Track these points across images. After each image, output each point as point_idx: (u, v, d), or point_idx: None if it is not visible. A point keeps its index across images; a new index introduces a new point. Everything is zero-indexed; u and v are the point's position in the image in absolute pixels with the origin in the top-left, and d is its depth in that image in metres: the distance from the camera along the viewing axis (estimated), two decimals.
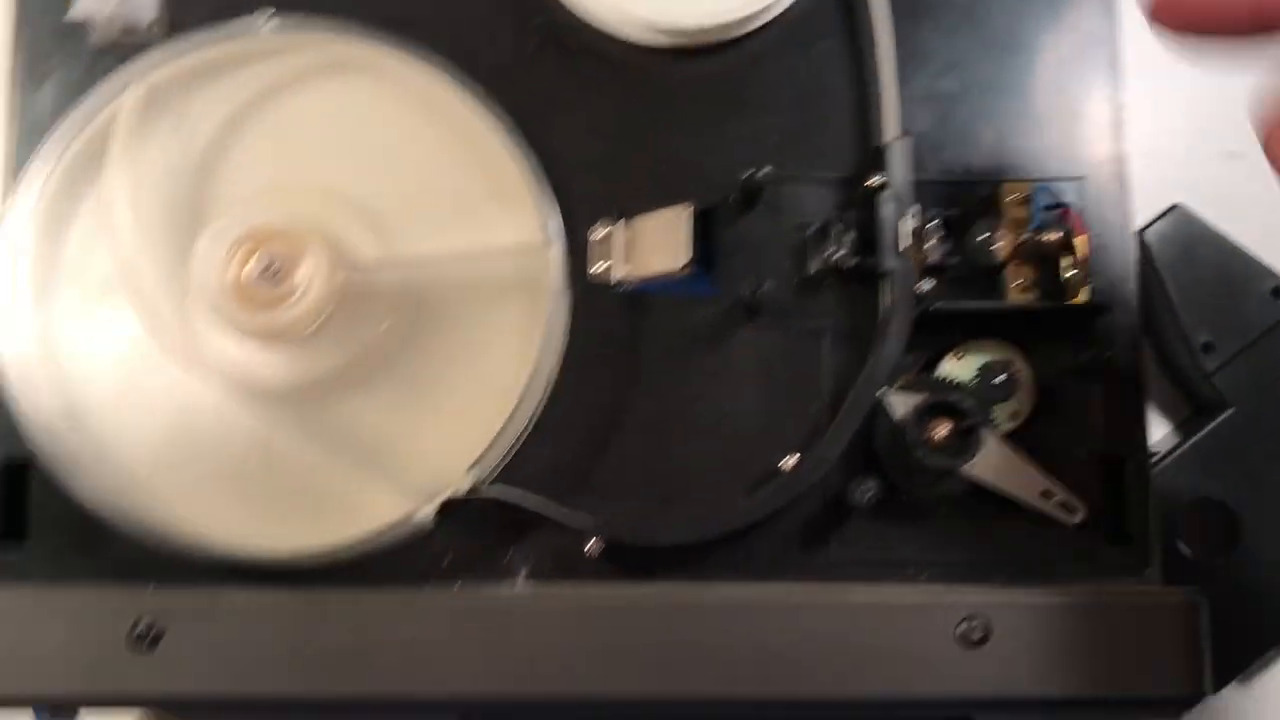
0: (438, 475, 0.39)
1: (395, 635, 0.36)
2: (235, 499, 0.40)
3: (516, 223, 0.41)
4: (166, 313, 0.39)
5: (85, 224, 0.41)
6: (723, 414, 0.40)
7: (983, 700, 0.36)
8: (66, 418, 0.40)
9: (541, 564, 0.39)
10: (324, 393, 0.40)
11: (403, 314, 0.40)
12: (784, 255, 0.41)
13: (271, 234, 0.39)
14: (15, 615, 0.36)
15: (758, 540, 0.39)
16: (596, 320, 0.41)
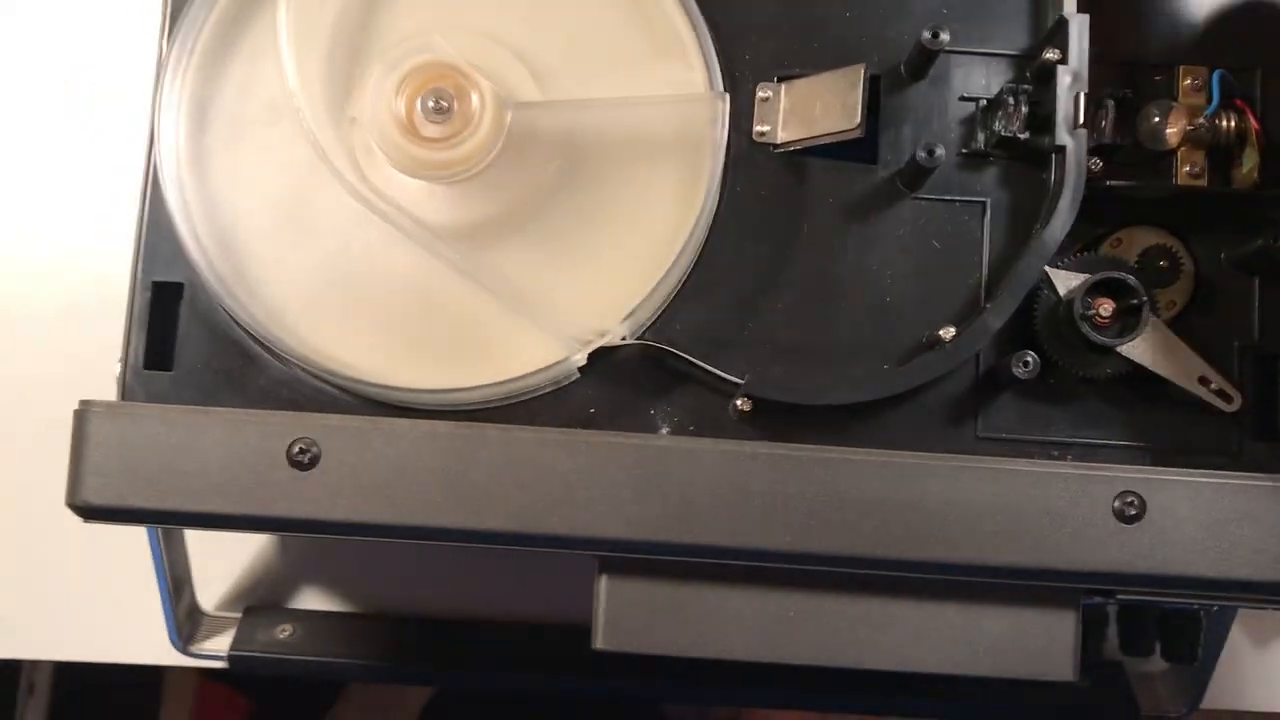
0: (591, 325, 0.39)
1: (547, 472, 0.36)
2: (389, 336, 0.40)
3: (678, 78, 0.40)
4: (332, 145, 0.39)
5: (248, 55, 0.40)
6: (878, 283, 0.40)
7: (1134, 576, 0.35)
8: (221, 243, 0.39)
9: (684, 422, 0.39)
10: (484, 236, 0.40)
11: (564, 162, 0.40)
12: (948, 128, 0.40)
13: (442, 70, 0.38)
14: (170, 432, 0.36)
15: (906, 411, 0.39)
16: (756, 182, 0.40)
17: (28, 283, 0.51)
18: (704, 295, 0.40)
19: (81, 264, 0.51)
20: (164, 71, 0.40)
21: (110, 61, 0.52)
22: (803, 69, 0.40)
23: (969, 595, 0.37)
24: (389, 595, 0.52)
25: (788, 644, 0.37)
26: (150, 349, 0.39)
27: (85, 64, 0.53)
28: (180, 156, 0.40)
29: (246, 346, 0.39)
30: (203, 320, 0.40)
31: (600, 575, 0.38)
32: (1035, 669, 0.37)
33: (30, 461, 0.49)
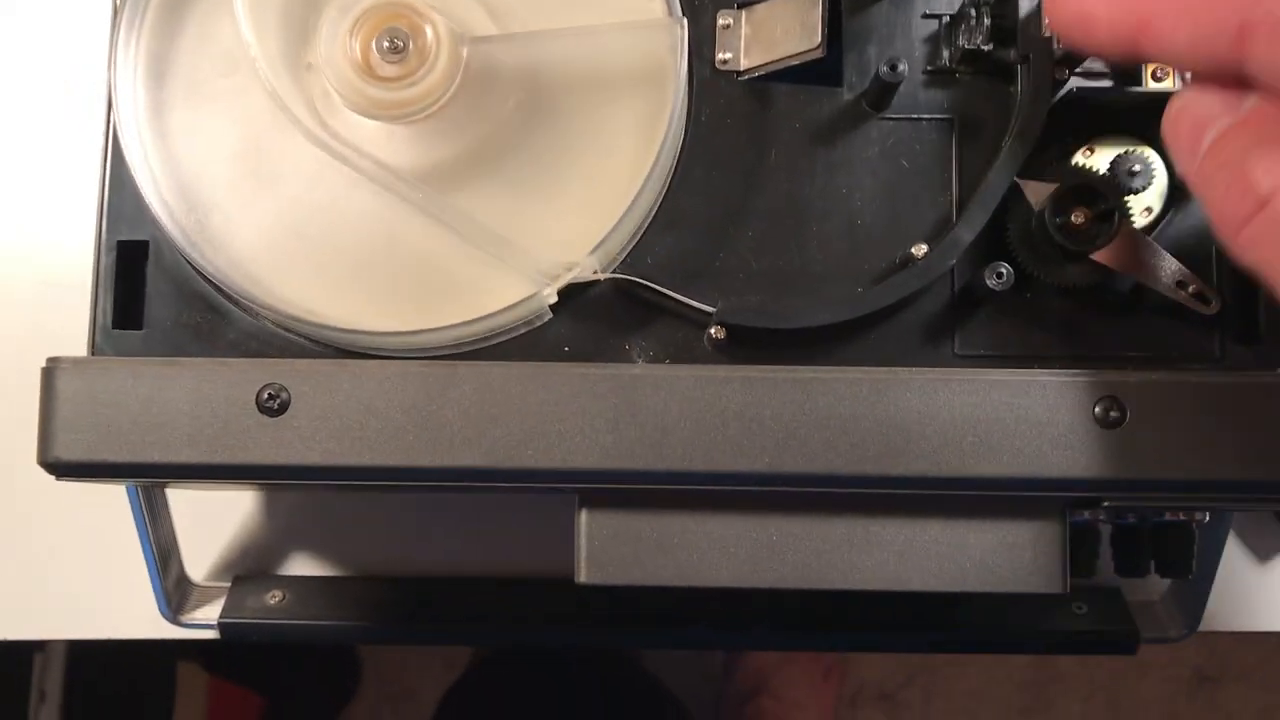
0: (560, 261, 0.38)
1: (521, 405, 0.35)
2: (356, 282, 0.39)
3: (639, 6, 0.40)
4: (290, 92, 0.38)
5: (203, 6, 0.40)
6: (848, 206, 0.39)
7: (1119, 481, 0.35)
8: (184, 199, 0.39)
9: (659, 355, 0.39)
10: (448, 176, 0.39)
11: (526, 97, 0.40)
12: (912, 46, 0.40)
13: (396, 9, 0.38)
14: (138, 384, 0.36)
15: (882, 332, 0.39)
16: (720, 110, 0.40)
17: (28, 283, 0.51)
18: (674, 226, 0.39)
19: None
20: (118, 30, 0.39)
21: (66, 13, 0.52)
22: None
23: (953, 511, 0.37)
24: (378, 557, 0.52)
25: (772, 568, 0.37)
26: (118, 308, 0.39)
27: (85, 64, 0.52)
28: (139, 114, 0.39)
29: (214, 300, 0.39)
30: (169, 277, 0.39)
31: (580, 509, 0.37)
32: (1023, 582, 0.37)
33: (7, 441, 0.49)
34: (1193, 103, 0.31)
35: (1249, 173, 0.29)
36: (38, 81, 0.52)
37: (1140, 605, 0.50)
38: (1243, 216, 0.29)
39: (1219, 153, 0.30)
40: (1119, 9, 0.31)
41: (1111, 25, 0.31)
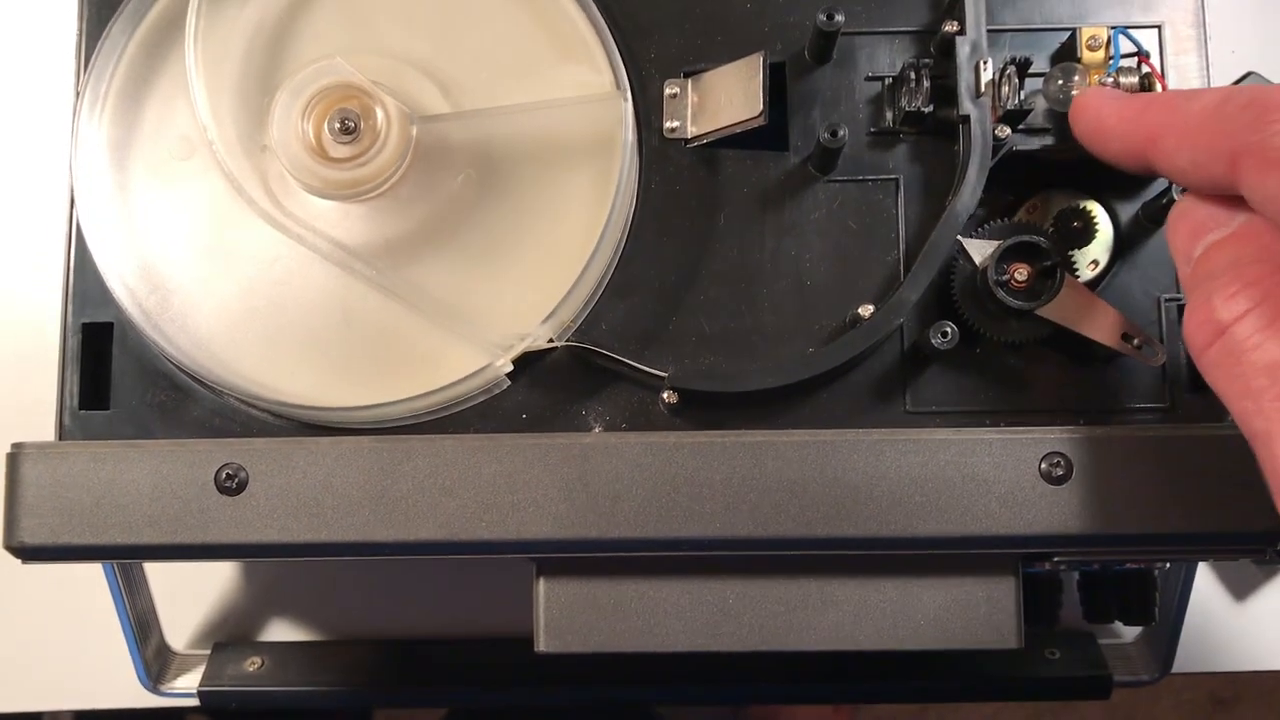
0: (515, 331, 0.39)
1: (474, 477, 0.36)
2: (315, 357, 0.40)
3: (586, 80, 0.41)
4: (245, 174, 0.39)
5: (163, 92, 0.41)
6: (797, 267, 0.40)
7: (1066, 537, 0.35)
8: (146, 280, 0.40)
9: (616, 420, 0.39)
10: (403, 251, 0.40)
11: (476, 171, 0.40)
12: (856, 109, 0.41)
13: (346, 91, 0.39)
14: (100, 468, 0.37)
15: (834, 392, 0.39)
16: (669, 178, 0.40)
17: None
18: (627, 292, 0.40)
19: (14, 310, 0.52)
20: (78, 115, 0.40)
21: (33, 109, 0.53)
22: (708, 63, 0.41)
23: (906, 569, 0.37)
24: (358, 620, 0.52)
25: (729, 632, 0.37)
26: (85, 388, 0.40)
27: (50, 146, 0.53)
28: (100, 198, 0.40)
29: (178, 379, 0.40)
30: (134, 357, 0.40)
31: (537, 578, 0.38)
32: (978, 638, 0.37)
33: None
34: (1192, 209, 0.33)
35: (1210, 299, 0.30)
36: (4, 161, 0.53)
37: (1114, 648, 0.50)
38: (1205, 340, 0.30)
39: (1205, 264, 0.31)
40: (1130, 125, 0.34)
41: (1123, 139, 0.34)
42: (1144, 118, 0.33)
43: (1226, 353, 0.30)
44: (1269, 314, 0.30)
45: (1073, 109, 0.36)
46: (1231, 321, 0.30)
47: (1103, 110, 0.35)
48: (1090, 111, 0.35)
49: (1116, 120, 0.34)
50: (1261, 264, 0.30)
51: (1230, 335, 0.30)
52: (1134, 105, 0.34)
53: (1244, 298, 0.30)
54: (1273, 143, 0.30)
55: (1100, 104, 0.35)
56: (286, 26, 0.42)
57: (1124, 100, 0.35)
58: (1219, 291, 0.30)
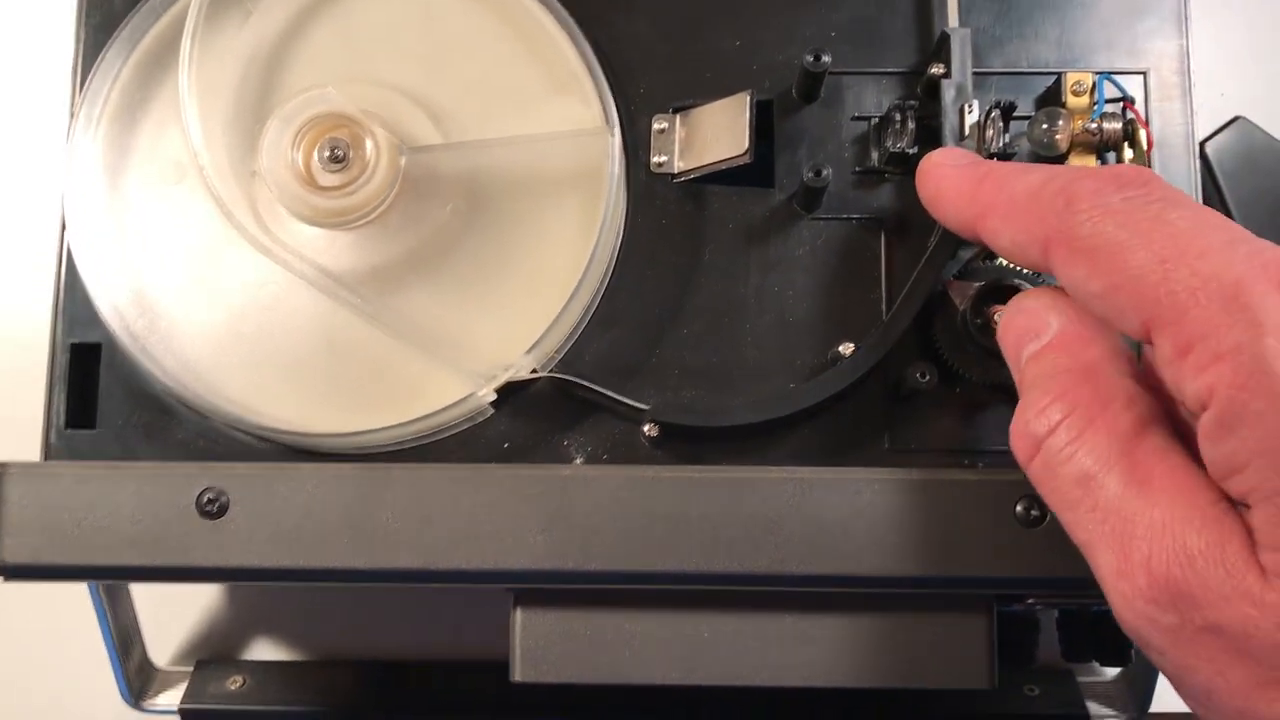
0: (500, 361, 0.39)
1: (454, 507, 0.36)
2: (300, 383, 0.40)
3: (575, 114, 0.41)
4: (235, 199, 0.39)
5: (156, 116, 0.41)
6: (780, 304, 0.40)
7: (1041, 579, 0.36)
8: (135, 303, 0.40)
9: (597, 451, 0.40)
10: (390, 279, 0.40)
11: (464, 202, 0.41)
12: (842, 148, 0.41)
13: (335, 120, 0.39)
14: (83, 489, 0.37)
15: (815, 428, 0.39)
16: (656, 212, 0.41)
17: None
18: (611, 325, 0.40)
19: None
20: (72, 138, 0.41)
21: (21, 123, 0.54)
22: (697, 99, 0.41)
23: (881, 607, 0.38)
24: (341, 640, 0.52)
25: (705, 666, 0.38)
26: (71, 408, 0.40)
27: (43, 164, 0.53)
28: (91, 220, 0.41)
29: (164, 401, 0.40)
30: (121, 378, 0.40)
31: (515, 608, 0.38)
32: (952, 678, 0.37)
33: None
34: (1015, 317, 0.33)
35: (1025, 411, 0.31)
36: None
37: (1092, 686, 0.50)
38: (1026, 454, 0.31)
39: (1024, 374, 0.32)
40: (963, 199, 0.34)
41: (956, 211, 0.34)
42: (975, 192, 0.34)
43: (1044, 466, 0.30)
44: (1078, 425, 0.30)
45: (918, 171, 0.36)
46: (1045, 434, 0.30)
47: (940, 179, 0.35)
48: (928, 177, 0.36)
49: (952, 192, 0.35)
50: (1071, 374, 0.31)
51: (1046, 448, 0.30)
52: (969, 177, 0.34)
53: (1055, 409, 0.30)
54: (1077, 231, 0.30)
55: (939, 171, 0.35)
56: (281, 53, 0.42)
57: (962, 170, 0.35)
58: (1033, 404, 0.31)
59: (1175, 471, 0.29)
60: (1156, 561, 0.28)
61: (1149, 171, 0.31)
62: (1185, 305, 0.28)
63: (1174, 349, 0.28)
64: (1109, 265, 0.29)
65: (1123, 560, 0.29)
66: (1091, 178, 0.31)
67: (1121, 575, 0.29)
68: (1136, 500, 0.29)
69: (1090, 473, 0.29)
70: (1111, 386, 0.30)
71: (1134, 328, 0.29)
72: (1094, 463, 0.29)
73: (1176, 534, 0.28)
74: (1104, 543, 0.29)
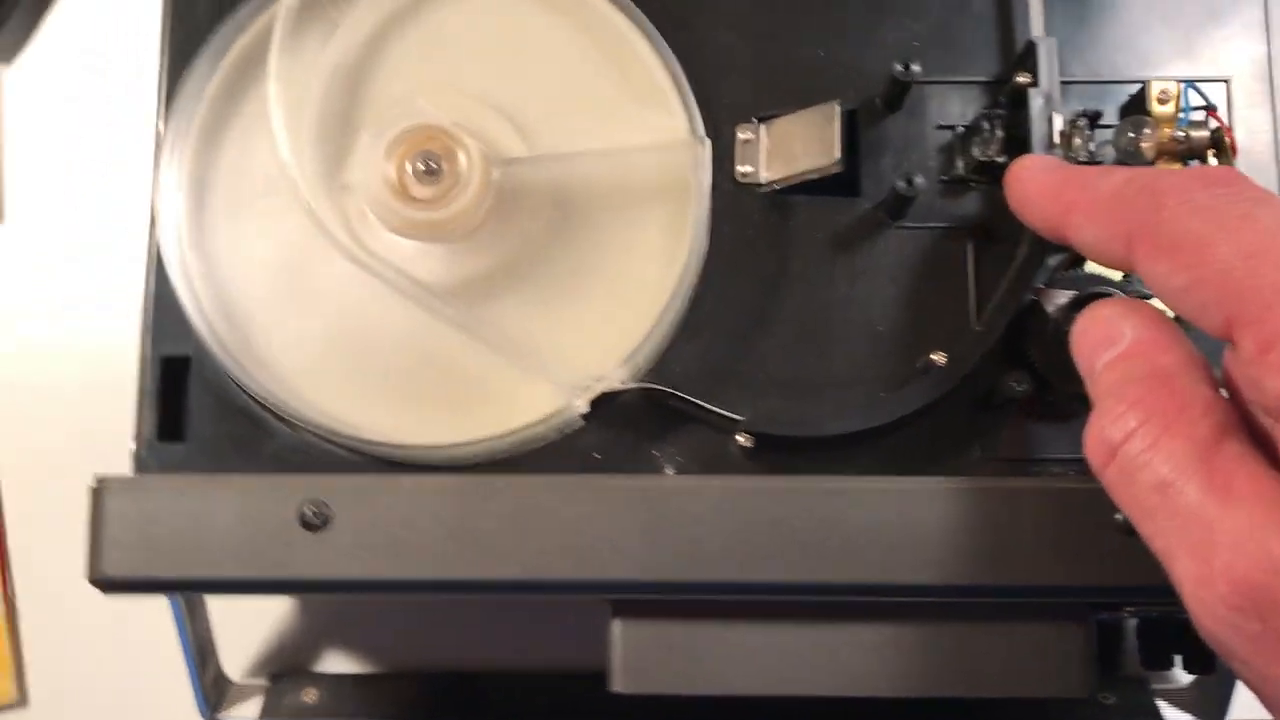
0: (590, 371, 0.39)
1: (555, 518, 0.36)
2: (392, 394, 0.40)
3: (661, 124, 0.41)
4: (327, 211, 0.40)
5: (243, 129, 0.42)
6: (868, 313, 0.40)
7: (1141, 588, 0.36)
8: (225, 315, 0.40)
9: (688, 461, 0.40)
10: (480, 290, 0.41)
11: (553, 213, 0.41)
12: (927, 156, 0.41)
13: (429, 132, 0.39)
14: (182, 501, 0.37)
15: (907, 437, 0.39)
16: (741, 221, 0.41)
17: (39, 361, 0.52)
18: (700, 335, 0.40)
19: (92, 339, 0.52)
20: (162, 151, 0.41)
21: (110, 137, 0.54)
22: (781, 109, 0.41)
23: (979, 615, 0.38)
24: (417, 652, 0.52)
25: (803, 676, 0.38)
26: (162, 422, 0.40)
27: (86, 140, 0.54)
28: (182, 233, 0.41)
29: (255, 413, 0.40)
30: (212, 390, 0.40)
31: (614, 619, 0.38)
32: (1049, 687, 0.37)
33: (47, 540, 0.50)
34: (1088, 327, 0.33)
35: (1101, 418, 0.31)
36: (88, 189, 0.54)
37: (1167, 692, 0.50)
38: (1101, 460, 0.31)
39: (1099, 383, 0.32)
40: (1048, 199, 0.35)
41: (1041, 211, 0.35)
42: (1061, 192, 0.34)
43: (1120, 473, 0.30)
44: (1154, 432, 0.30)
45: (1007, 175, 0.37)
46: (1121, 441, 0.30)
47: (1027, 181, 0.36)
48: (1017, 181, 0.36)
49: (1037, 192, 0.35)
50: (1146, 381, 0.30)
51: (1121, 455, 0.30)
52: (1054, 178, 0.35)
53: (1131, 416, 0.30)
54: (1162, 227, 0.30)
55: (1027, 174, 0.36)
56: (365, 65, 0.42)
57: (1048, 172, 0.35)
58: (1108, 411, 0.31)
59: (1256, 478, 0.29)
60: (1239, 568, 0.28)
61: (1236, 171, 0.32)
62: (1270, 302, 0.28)
63: (1256, 346, 0.28)
64: (1193, 259, 0.29)
65: (1203, 567, 0.28)
66: (1178, 175, 0.31)
67: (1202, 583, 0.28)
68: (1217, 507, 0.28)
69: (1168, 480, 0.29)
70: (1188, 393, 0.30)
71: (1216, 324, 0.29)
72: (1171, 469, 0.29)
73: (1260, 540, 0.28)
74: (1183, 550, 0.29)
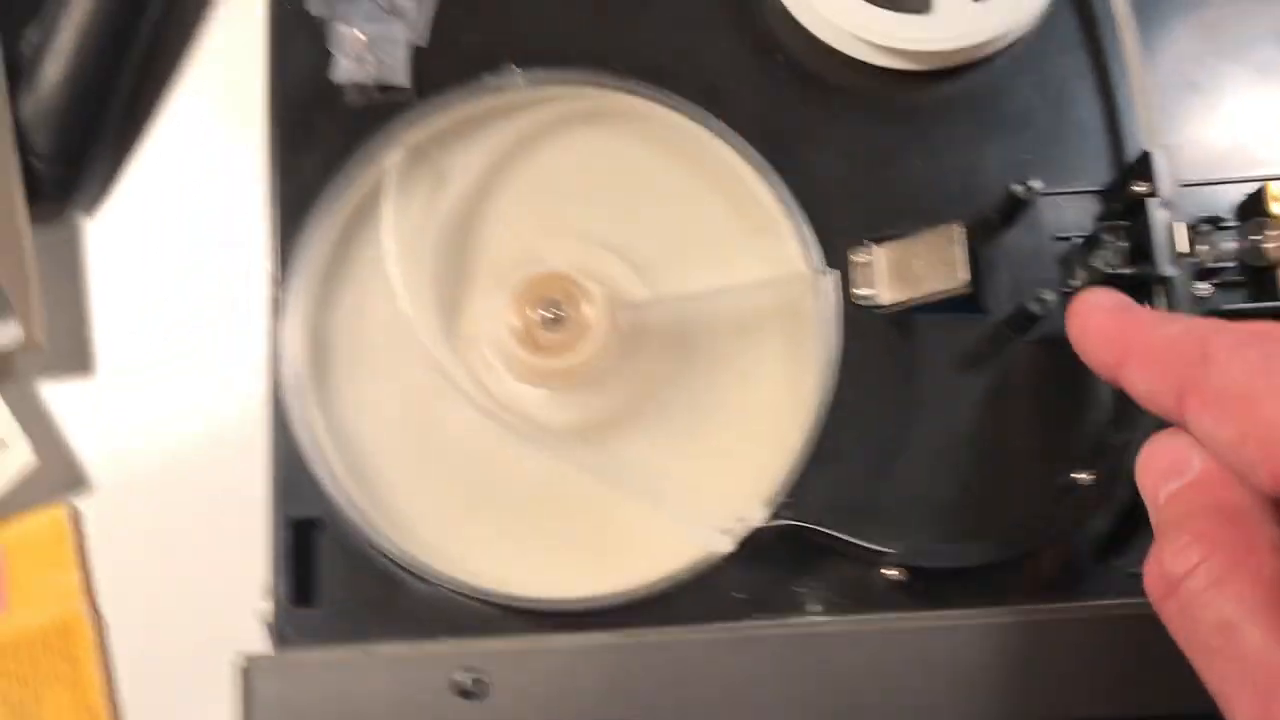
0: (724, 509, 0.39)
1: (723, 672, 0.36)
2: (529, 543, 0.40)
3: (776, 253, 0.41)
4: (455, 367, 0.39)
5: (356, 281, 0.41)
6: (1001, 432, 0.40)
7: None
8: (355, 475, 0.40)
9: (833, 597, 0.39)
10: (605, 433, 0.40)
11: (672, 350, 0.41)
12: (1044, 269, 0.41)
13: (552, 279, 0.39)
14: (331, 677, 0.36)
15: (1053, 557, 0.39)
16: (865, 345, 0.41)
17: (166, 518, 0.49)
18: (832, 464, 0.40)
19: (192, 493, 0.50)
20: (279, 314, 0.40)
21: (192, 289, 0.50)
22: (893, 229, 0.41)
23: None
24: None
25: None
26: (296, 586, 0.39)
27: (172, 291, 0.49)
28: (305, 392, 0.40)
29: (388, 570, 0.40)
30: (343, 551, 0.40)
31: None
32: None
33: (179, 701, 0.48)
34: (1155, 454, 0.32)
35: (1162, 551, 0.29)
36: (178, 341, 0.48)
37: None
38: (1161, 593, 0.29)
39: (1162, 513, 0.31)
40: (1103, 341, 0.34)
41: (1098, 354, 0.34)
42: (1117, 337, 0.33)
43: (1181, 609, 0.29)
44: (1217, 570, 0.28)
45: (1069, 308, 0.36)
46: (1182, 576, 0.29)
47: (1087, 317, 0.35)
48: (1078, 317, 0.35)
49: (1097, 333, 0.34)
50: (1213, 514, 0.29)
51: (1183, 590, 0.29)
52: (1113, 322, 0.34)
53: (1194, 550, 0.29)
54: (1211, 381, 0.29)
55: (1087, 310, 0.35)
56: (474, 212, 0.42)
57: (1109, 314, 0.34)
58: (1171, 544, 0.29)
59: None
60: None
61: None
62: None
63: None
64: (1239, 414, 0.28)
65: (1264, 715, 0.27)
66: (1232, 331, 0.30)
67: None
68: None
69: (1232, 621, 0.28)
70: (1257, 531, 0.29)
71: (1263, 480, 0.28)
72: (1236, 610, 0.28)
73: None
74: (1244, 695, 0.27)
